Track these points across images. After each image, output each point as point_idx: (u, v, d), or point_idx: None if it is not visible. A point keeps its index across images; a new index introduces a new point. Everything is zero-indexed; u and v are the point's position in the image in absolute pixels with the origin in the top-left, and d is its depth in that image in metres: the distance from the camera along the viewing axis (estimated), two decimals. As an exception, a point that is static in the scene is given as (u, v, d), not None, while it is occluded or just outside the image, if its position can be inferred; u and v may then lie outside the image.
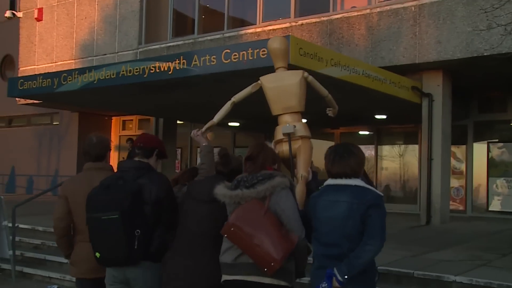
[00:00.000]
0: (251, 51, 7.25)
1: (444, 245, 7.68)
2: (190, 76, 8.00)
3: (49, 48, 15.90)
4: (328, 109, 4.56)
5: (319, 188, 3.26)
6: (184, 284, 3.33)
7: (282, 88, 4.11)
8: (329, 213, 3.02)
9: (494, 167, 12.51)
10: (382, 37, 10.14)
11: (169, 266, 3.37)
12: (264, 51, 7.06)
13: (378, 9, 10.23)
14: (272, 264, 2.93)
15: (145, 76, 8.42)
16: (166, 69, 8.14)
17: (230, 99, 4.29)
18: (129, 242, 3.21)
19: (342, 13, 10.69)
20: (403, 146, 14.24)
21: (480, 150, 12.71)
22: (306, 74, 4.13)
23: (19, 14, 17.37)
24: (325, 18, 10.81)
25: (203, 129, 4.09)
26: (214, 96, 9.88)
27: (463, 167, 12.84)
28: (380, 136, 14.47)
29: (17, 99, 16.11)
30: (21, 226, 9.19)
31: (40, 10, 16.75)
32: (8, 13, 17.64)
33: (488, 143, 12.62)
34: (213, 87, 9.01)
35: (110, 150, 3.86)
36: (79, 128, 17.42)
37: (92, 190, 3.37)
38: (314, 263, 3.13)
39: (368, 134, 14.83)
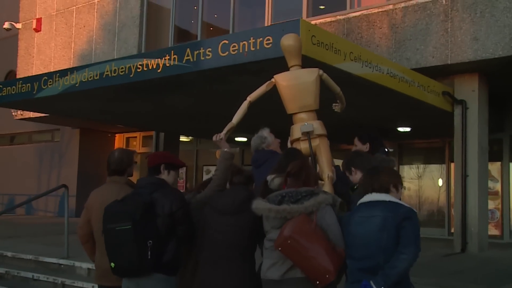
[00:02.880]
0: (253, 40, 5.94)
1: (494, 281, 6.21)
2: (183, 74, 6.71)
3: (47, 59, 14.93)
4: (334, 104, 4.56)
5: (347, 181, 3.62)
6: None
7: (299, 86, 4.13)
8: (364, 227, 3.06)
9: (533, 187, 11.06)
10: (407, 36, 8.82)
11: (200, 276, 3.53)
12: (268, 39, 5.78)
13: (403, 4, 8.93)
14: (327, 276, 3.03)
15: (131, 76, 7.16)
16: (154, 66, 6.88)
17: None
18: (141, 252, 3.33)
19: (361, 11, 9.40)
20: (427, 164, 12.82)
21: (517, 168, 11.28)
22: (321, 72, 4.20)
23: (18, 26, 16.51)
24: (341, 17, 9.54)
25: (223, 132, 4.05)
26: (215, 101, 8.70)
27: (498, 186, 11.38)
28: (402, 153, 13.10)
29: (13, 113, 15.15)
30: (-10, 252, 8.04)
31: (39, 21, 15.89)
32: (7, 25, 16.69)
33: (527, 160, 11.19)
34: (211, 88, 7.76)
35: (131, 165, 3.94)
36: (80, 145, 16.89)
37: (109, 203, 3.50)
38: (349, 278, 3.17)
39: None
